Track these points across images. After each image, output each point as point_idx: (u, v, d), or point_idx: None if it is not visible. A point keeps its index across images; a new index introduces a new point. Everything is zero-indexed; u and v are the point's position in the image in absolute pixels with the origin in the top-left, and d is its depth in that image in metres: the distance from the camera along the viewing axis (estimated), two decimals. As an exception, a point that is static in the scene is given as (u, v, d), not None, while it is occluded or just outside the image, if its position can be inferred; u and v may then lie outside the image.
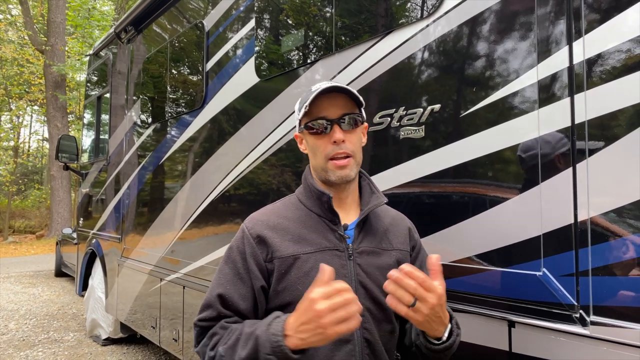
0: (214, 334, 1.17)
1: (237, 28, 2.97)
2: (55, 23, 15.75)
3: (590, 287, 1.29)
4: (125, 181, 4.46)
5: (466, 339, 1.61)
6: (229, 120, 3.00)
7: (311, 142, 1.26)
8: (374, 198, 1.31)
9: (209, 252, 3.04)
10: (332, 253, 1.21)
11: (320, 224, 1.25)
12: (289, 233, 1.23)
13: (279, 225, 1.25)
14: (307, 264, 1.18)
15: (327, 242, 1.22)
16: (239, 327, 1.13)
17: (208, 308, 1.20)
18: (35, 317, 6.40)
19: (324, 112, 1.22)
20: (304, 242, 1.21)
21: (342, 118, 1.22)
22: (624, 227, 1.25)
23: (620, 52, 1.28)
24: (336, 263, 1.18)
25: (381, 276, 1.21)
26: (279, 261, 1.19)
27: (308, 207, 1.28)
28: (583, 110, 1.33)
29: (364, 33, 2.07)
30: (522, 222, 1.45)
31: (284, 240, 1.21)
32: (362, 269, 1.22)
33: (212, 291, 1.22)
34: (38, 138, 30.29)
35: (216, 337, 1.16)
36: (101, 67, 5.46)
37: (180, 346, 3.41)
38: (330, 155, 1.22)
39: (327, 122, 1.22)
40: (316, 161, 1.27)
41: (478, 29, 1.64)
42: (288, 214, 1.28)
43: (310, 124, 1.24)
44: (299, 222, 1.25)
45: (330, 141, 1.21)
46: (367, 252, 1.24)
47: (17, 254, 14.56)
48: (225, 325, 1.17)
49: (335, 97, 1.23)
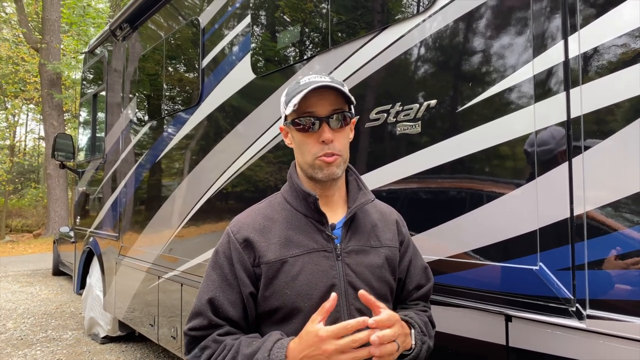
0: (206, 347, 1.13)
1: (233, 25, 2.95)
2: (50, 21, 15.65)
3: (586, 281, 1.30)
4: (122, 179, 4.45)
5: (463, 333, 1.62)
6: (226, 117, 2.99)
7: (298, 139, 1.21)
8: (361, 195, 1.27)
9: (207, 249, 3.04)
10: (320, 254, 1.17)
11: (307, 224, 1.21)
12: (275, 236, 1.19)
13: (265, 227, 1.20)
14: (294, 268, 1.15)
15: (315, 244, 1.18)
16: (235, 346, 1.10)
17: (198, 316, 1.16)
18: (33, 316, 6.40)
19: (312, 107, 1.16)
20: (291, 245, 1.17)
21: (331, 115, 1.17)
22: (620, 221, 1.25)
23: (616, 46, 1.28)
24: (324, 264, 1.16)
25: (370, 275, 1.21)
26: (266, 266, 1.15)
27: (294, 207, 1.24)
28: (579, 105, 1.33)
29: (360, 29, 2.07)
30: (519, 217, 1.46)
31: (270, 244, 1.17)
32: (351, 269, 1.18)
33: (201, 298, 1.18)
34: (34, 137, 30.23)
35: (208, 352, 1.12)
36: (97, 65, 5.44)
37: (179, 344, 3.42)
38: (318, 155, 1.17)
39: (316, 119, 1.16)
40: (302, 158, 1.22)
41: (474, 24, 1.64)
42: (274, 215, 1.24)
43: (298, 120, 1.18)
44: (285, 224, 1.21)
45: (319, 140, 1.16)
46: (356, 251, 1.21)
47: (14, 253, 14.52)
48: (218, 339, 1.13)
49: (325, 92, 1.16)
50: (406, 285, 1.35)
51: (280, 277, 1.15)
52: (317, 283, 1.14)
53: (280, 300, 1.14)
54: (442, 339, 1.66)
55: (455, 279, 1.64)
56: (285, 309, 1.15)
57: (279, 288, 1.15)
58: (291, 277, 1.14)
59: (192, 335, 1.17)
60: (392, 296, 1.30)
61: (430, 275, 1.40)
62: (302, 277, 1.14)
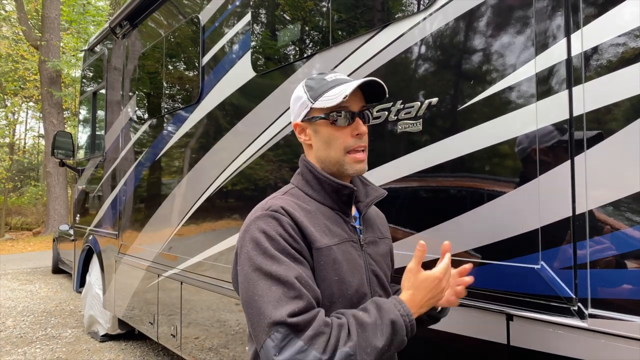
0: (317, 335, 0.96)
1: (233, 22, 2.95)
2: (49, 18, 15.63)
3: (588, 280, 1.30)
4: (122, 177, 4.44)
5: (465, 332, 1.62)
6: (226, 115, 2.98)
7: (327, 134, 1.21)
8: (371, 190, 1.34)
9: (207, 247, 3.04)
10: (350, 244, 1.21)
11: (334, 216, 1.22)
12: (317, 223, 1.16)
13: (309, 213, 1.17)
14: (337, 256, 1.14)
15: (346, 234, 1.21)
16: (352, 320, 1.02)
17: (290, 301, 0.98)
18: (32, 314, 6.40)
19: (347, 102, 1.17)
20: (331, 234, 1.17)
21: (363, 112, 1.23)
22: (622, 220, 1.25)
23: (618, 45, 1.28)
24: (355, 254, 1.21)
25: (384, 263, 1.32)
26: (316, 252, 1.12)
27: (318, 200, 1.23)
28: (581, 103, 1.33)
29: (361, 27, 2.06)
30: (520, 216, 1.45)
31: (316, 230, 1.14)
32: (372, 259, 1.26)
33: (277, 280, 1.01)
34: (34, 134, 30.25)
35: (323, 338, 0.96)
36: (96, 63, 5.42)
37: (179, 342, 3.41)
38: (351, 147, 1.20)
39: (350, 113, 1.20)
40: (330, 153, 1.21)
41: (475, 22, 1.63)
42: (305, 205, 1.20)
43: (335, 114, 1.18)
44: (319, 214, 1.20)
45: (353, 134, 1.19)
46: (372, 242, 1.30)
47: (14, 251, 14.52)
48: (328, 321, 1.00)
49: (357, 89, 1.20)
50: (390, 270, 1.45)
51: (328, 264, 1.13)
52: (353, 272, 1.18)
53: (329, 288, 1.12)
54: (443, 338, 1.65)
55: (456, 277, 1.63)
56: (332, 297, 1.12)
57: (328, 275, 1.12)
58: (336, 265, 1.14)
59: (292, 324, 0.95)
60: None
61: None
62: (344, 265, 1.16)
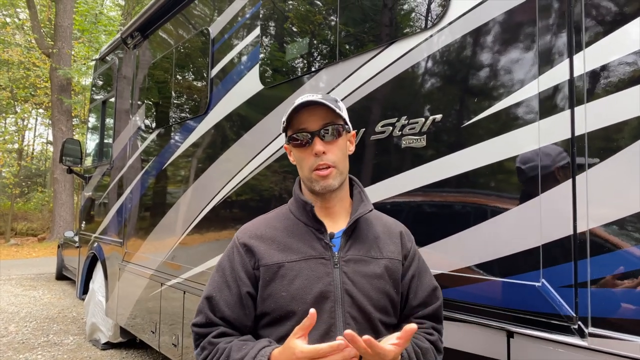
0: (203, 348, 1.24)
1: (242, 35, 2.99)
2: (62, 27, 15.87)
3: (588, 299, 1.30)
4: (128, 185, 4.48)
5: (465, 348, 1.61)
6: (233, 126, 3.02)
7: (296, 154, 1.31)
8: (362, 206, 1.32)
9: (210, 257, 3.05)
10: (317, 261, 1.23)
11: (307, 233, 1.28)
12: (275, 242, 1.27)
13: (266, 234, 1.30)
14: (291, 272, 1.22)
15: (313, 251, 1.25)
16: (227, 350, 1.18)
17: (200, 313, 1.28)
18: (35, 320, 6.40)
19: (304, 124, 1.25)
20: (290, 251, 1.25)
21: (323, 129, 1.25)
22: (623, 239, 1.25)
23: (621, 65, 1.29)
24: (320, 271, 1.22)
25: (369, 285, 1.24)
26: (264, 269, 1.24)
27: (297, 216, 1.32)
28: (583, 123, 1.34)
29: (368, 42, 2.09)
30: (522, 233, 1.46)
31: (269, 249, 1.26)
32: (348, 277, 1.22)
33: (202, 296, 1.30)
34: (42, 141, 30.49)
35: (205, 353, 1.23)
36: (107, 72, 5.50)
37: (180, 351, 3.41)
38: (313, 167, 1.25)
39: (308, 134, 1.25)
40: (302, 173, 1.31)
41: (480, 40, 1.66)
42: (277, 224, 1.33)
43: (294, 136, 1.27)
44: (286, 232, 1.30)
45: (312, 153, 1.24)
46: (355, 260, 1.25)
47: (18, 257, 14.57)
48: (213, 341, 1.22)
49: (315, 109, 1.25)
50: (409, 300, 1.34)
51: (277, 280, 1.22)
52: (311, 288, 1.20)
53: (276, 303, 1.22)
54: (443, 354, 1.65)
55: (457, 293, 1.63)
56: (281, 311, 1.22)
57: (275, 291, 1.22)
58: (287, 281, 1.22)
59: (195, 332, 1.28)
60: (394, 310, 1.30)
61: (439, 295, 1.38)
62: (298, 281, 1.21)
